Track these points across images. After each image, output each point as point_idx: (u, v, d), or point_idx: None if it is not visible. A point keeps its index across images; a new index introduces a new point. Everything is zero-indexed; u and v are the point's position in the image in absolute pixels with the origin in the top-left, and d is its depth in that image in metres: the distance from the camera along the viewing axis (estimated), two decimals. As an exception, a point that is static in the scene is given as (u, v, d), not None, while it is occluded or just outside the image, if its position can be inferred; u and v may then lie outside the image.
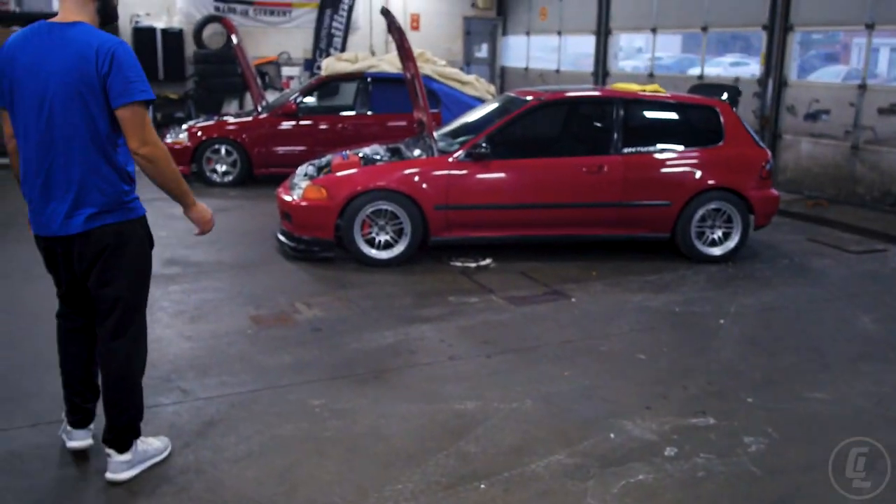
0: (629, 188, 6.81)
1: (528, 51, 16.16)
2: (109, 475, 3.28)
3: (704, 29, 11.66)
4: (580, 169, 6.76)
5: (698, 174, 6.90)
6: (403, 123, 10.20)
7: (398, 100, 10.39)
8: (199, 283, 6.08)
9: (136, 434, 3.34)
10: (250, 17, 14.43)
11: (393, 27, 7.10)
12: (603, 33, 13.80)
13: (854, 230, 8.51)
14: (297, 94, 10.45)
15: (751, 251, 7.34)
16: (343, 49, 14.71)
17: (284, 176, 8.04)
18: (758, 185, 7.04)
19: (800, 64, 10.56)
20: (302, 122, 10.29)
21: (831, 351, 5.07)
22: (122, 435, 3.27)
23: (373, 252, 6.61)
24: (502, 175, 6.70)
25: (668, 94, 7.25)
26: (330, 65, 10.54)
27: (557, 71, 15.24)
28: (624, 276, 6.57)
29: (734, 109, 7.21)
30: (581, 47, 14.89)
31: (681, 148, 6.99)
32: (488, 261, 6.85)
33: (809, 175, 10.18)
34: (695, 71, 13.03)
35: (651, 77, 12.61)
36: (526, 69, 16.25)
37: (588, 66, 14.34)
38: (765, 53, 10.62)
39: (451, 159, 6.64)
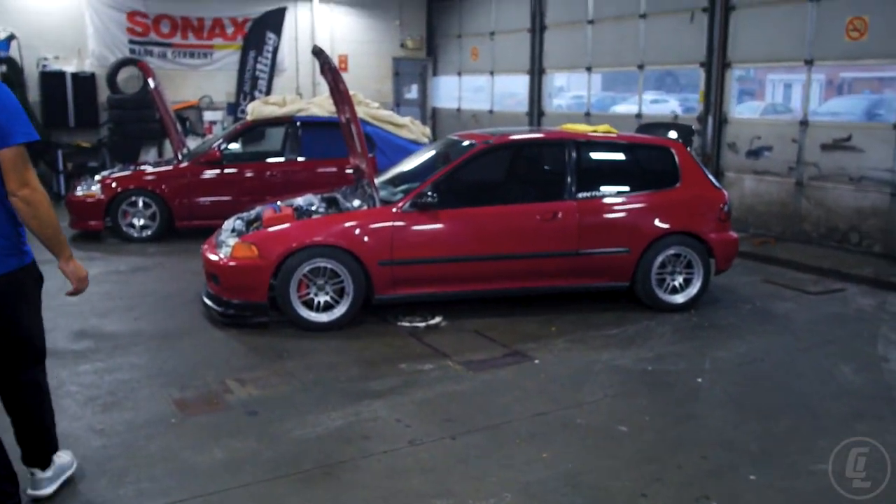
0: (586, 235, 6.37)
1: (460, 91, 15.85)
2: (33, 492, 3.42)
3: (641, 67, 11.51)
4: (533, 216, 6.30)
5: (656, 219, 6.53)
6: (335, 169, 9.65)
7: (329, 145, 9.87)
8: (114, 359, 5.32)
9: (56, 448, 3.51)
10: (169, 59, 13.66)
11: (326, 67, 6.55)
12: (537, 72, 13.57)
13: (807, 269, 8.30)
14: (220, 141, 9.75)
15: (710, 296, 6.98)
16: (268, 92, 14.08)
17: (209, 229, 7.36)
18: (717, 228, 6.71)
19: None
20: (227, 171, 9.59)
21: (821, 410, 4.67)
22: (45, 451, 3.44)
23: (312, 315, 5.97)
24: (451, 226, 6.18)
25: (621, 135, 6.89)
26: (256, 108, 9.90)
27: (491, 111, 14.94)
28: (585, 331, 6.10)
29: (689, 149, 6.90)
30: (511, 87, 14.66)
31: (637, 191, 6.62)
32: (438, 319, 6.29)
33: (754, 212, 10.02)
34: (620, 108, 12.92)
35: (588, 116, 12.39)
36: (458, 110, 15.91)
37: (520, 105, 14.08)
38: (703, 91, 10.50)
39: (394, 210, 6.08)
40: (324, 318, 5.98)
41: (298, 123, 9.85)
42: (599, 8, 12.20)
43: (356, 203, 6.41)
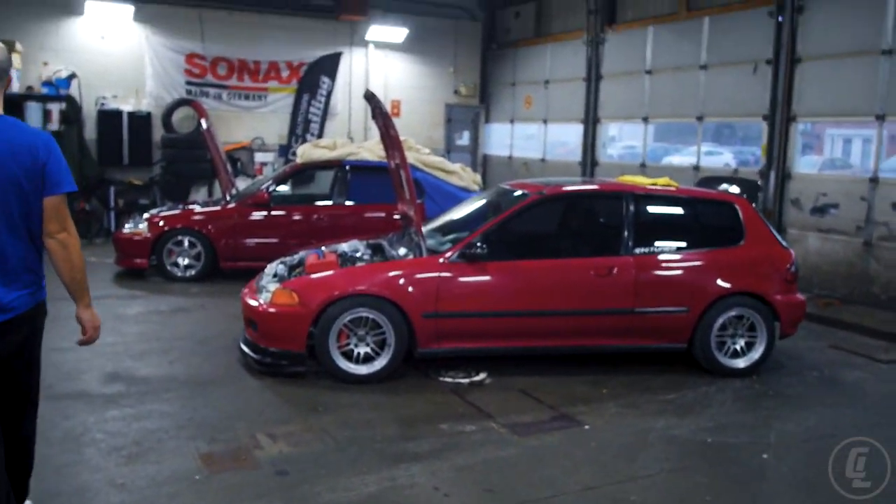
0: (642, 293, 6.03)
1: (512, 139, 15.69)
2: None
3: (700, 118, 11.19)
4: (588, 272, 5.99)
5: (718, 278, 6.16)
6: (383, 215, 9.49)
7: (378, 190, 9.71)
8: (144, 405, 5.12)
9: (26, 495, 3.42)
10: (224, 101, 13.80)
11: (378, 112, 6.40)
12: (591, 121, 13.33)
13: (876, 334, 7.79)
14: (269, 182, 9.69)
15: (774, 362, 6.52)
16: (320, 135, 14.08)
17: (254, 271, 7.21)
18: (783, 290, 6.30)
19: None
20: (274, 213, 9.50)
21: (904, 498, 4.21)
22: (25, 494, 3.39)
23: (350, 367, 5.71)
24: (500, 278, 5.90)
25: (681, 189, 6.57)
26: (306, 151, 9.84)
27: (543, 160, 14.72)
28: (639, 395, 5.71)
29: (754, 206, 6.53)
30: (564, 136, 14.45)
31: (698, 248, 6.27)
32: (483, 375, 5.98)
33: (819, 272, 9.51)
34: (675, 159, 12.53)
35: (643, 167, 12.07)
36: (510, 157, 15.73)
37: (572, 154, 13.83)
38: (766, 145, 10.11)
39: (441, 260, 5.83)
40: (363, 370, 5.72)
41: (348, 167, 9.74)
42: (658, 58, 11.95)
43: (402, 251, 6.18)
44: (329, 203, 9.74)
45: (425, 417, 5.12)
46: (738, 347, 6.25)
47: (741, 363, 6.22)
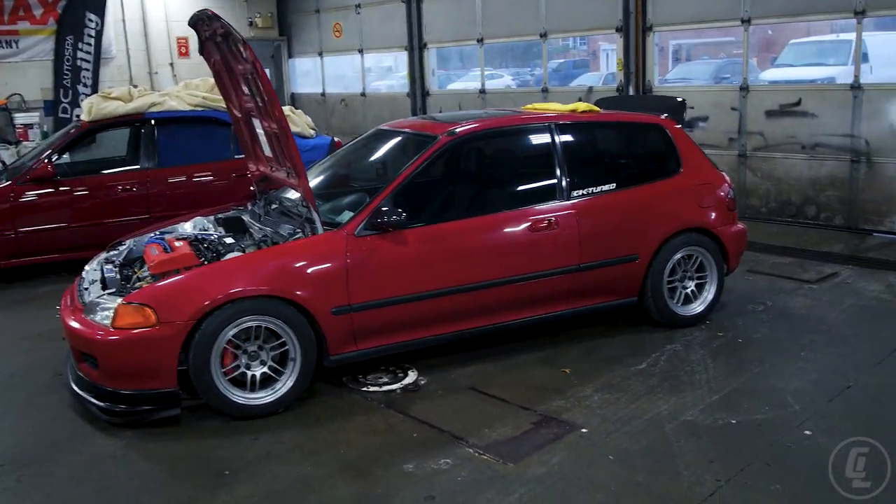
0: (587, 245, 4.94)
1: (324, 74, 13.95)
2: None
3: (543, 35, 10.23)
4: (524, 226, 4.78)
5: (663, 216, 5.22)
6: (211, 177, 7.73)
7: (196, 146, 7.90)
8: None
9: None
10: (-42, 51, 10.85)
11: (216, 39, 4.68)
12: (416, 48, 11.99)
13: (778, 251, 7.39)
14: (50, 150, 7.45)
15: (711, 300, 5.78)
16: (95, 85, 11.56)
17: (44, 268, 5.32)
18: (727, 220, 5.50)
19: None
20: (63, 189, 7.32)
21: None
22: None
23: (247, 396, 4.14)
24: (423, 250, 4.52)
25: (607, 114, 5.49)
26: (94, 105, 7.63)
27: (363, 94, 13.21)
28: (608, 370, 4.69)
29: (682, 128, 5.63)
30: (385, 66, 13.03)
31: (636, 183, 5.28)
32: (414, 375, 4.66)
33: (692, 190, 9.04)
34: (505, 82, 11.67)
35: (483, 94, 11.00)
36: (323, 95, 14.03)
37: (400, 87, 12.48)
38: (621, 59, 9.37)
39: (345, 234, 4.35)
40: (265, 397, 4.17)
41: (153, 122, 7.73)
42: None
43: (285, 230, 4.61)
44: (135, 169, 7.69)
45: (376, 457, 3.72)
46: (689, 292, 5.41)
47: (698, 307, 5.39)
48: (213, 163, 7.92)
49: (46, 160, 7.25)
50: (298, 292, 4.16)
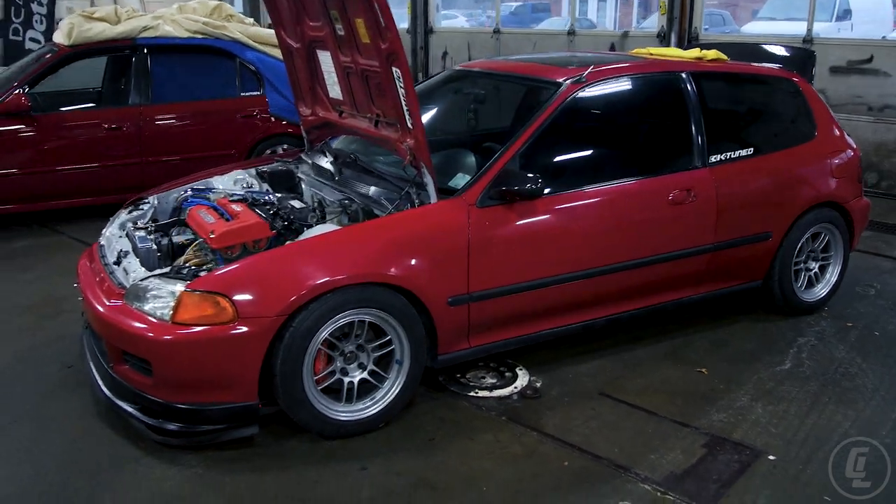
0: (724, 220, 4.14)
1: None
2: None
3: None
4: (662, 198, 3.94)
5: (800, 188, 4.45)
6: (212, 117, 6.71)
7: (196, 81, 6.80)
8: None
9: None
10: None
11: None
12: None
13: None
14: (22, 79, 6.20)
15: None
16: (51, 4, 10.04)
17: (10, 219, 4.26)
18: (856, 193, 4.77)
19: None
20: (41, 126, 6.15)
21: None
22: None
23: (345, 410, 3.25)
24: (555, 224, 3.64)
25: (737, 64, 4.63)
26: (76, 27, 6.36)
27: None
28: (750, 371, 3.95)
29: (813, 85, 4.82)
30: None
31: (772, 149, 4.46)
32: (524, 376, 3.82)
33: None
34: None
35: (497, 35, 9.99)
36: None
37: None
38: (664, 2, 8.50)
39: (466, 203, 3.43)
40: (367, 409, 3.28)
41: (146, 49, 6.54)
42: None
43: (375, 194, 3.64)
44: (125, 105, 6.50)
45: (533, 499, 2.89)
46: (813, 275, 4.69)
47: (822, 291, 4.69)
48: (217, 100, 6.81)
49: (19, 91, 6.02)
50: (411, 278, 3.25)
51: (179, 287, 3.08)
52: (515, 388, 3.71)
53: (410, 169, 3.44)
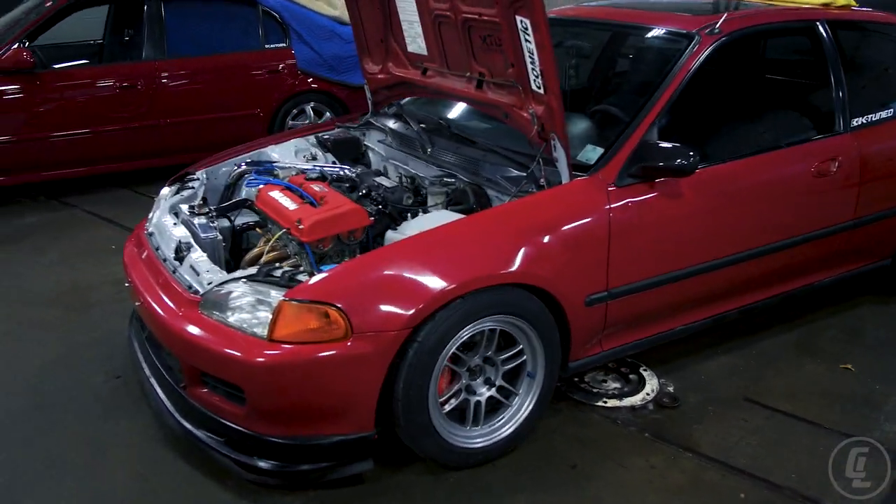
0: (866, 193, 3.60)
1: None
2: None
3: None
4: (808, 168, 3.39)
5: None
6: (236, 72, 6.05)
7: (215, 32, 6.12)
8: None
9: None
10: None
11: None
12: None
13: None
14: (20, 31, 5.46)
15: None
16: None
17: (14, 191, 3.69)
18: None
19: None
20: (47, 83, 5.46)
21: None
22: None
23: (474, 436, 2.71)
24: (701, 204, 3.07)
25: (874, 14, 4.03)
26: (78, -29, 5.62)
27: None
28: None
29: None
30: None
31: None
32: (653, 380, 3.30)
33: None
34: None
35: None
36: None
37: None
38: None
39: (604, 182, 2.85)
40: (497, 432, 2.75)
41: (162, -5, 5.84)
42: None
43: (490, 173, 3.05)
44: (142, 60, 5.78)
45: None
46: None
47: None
48: (238, 53, 6.11)
49: (20, 46, 5.29)
50: (548, 276, 2.69)
51: (275, 294, 2.50)
52: (647, 394, 3.20)
53: (539, 141, 2.84)
